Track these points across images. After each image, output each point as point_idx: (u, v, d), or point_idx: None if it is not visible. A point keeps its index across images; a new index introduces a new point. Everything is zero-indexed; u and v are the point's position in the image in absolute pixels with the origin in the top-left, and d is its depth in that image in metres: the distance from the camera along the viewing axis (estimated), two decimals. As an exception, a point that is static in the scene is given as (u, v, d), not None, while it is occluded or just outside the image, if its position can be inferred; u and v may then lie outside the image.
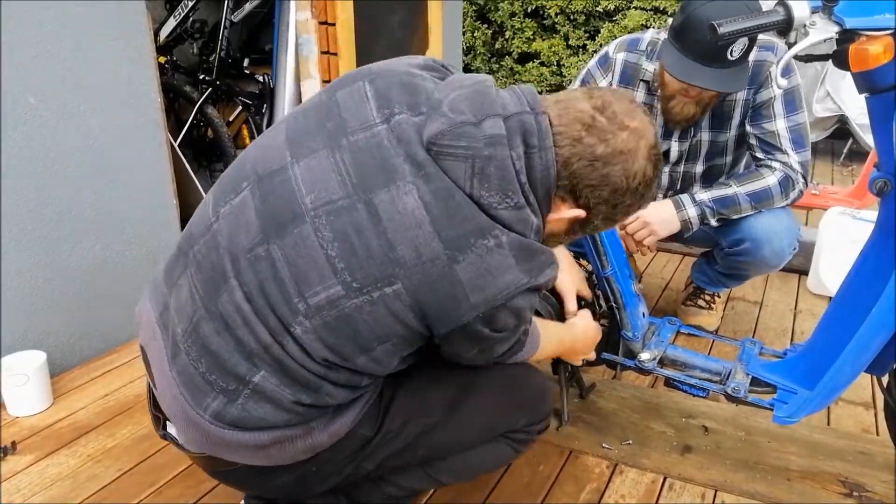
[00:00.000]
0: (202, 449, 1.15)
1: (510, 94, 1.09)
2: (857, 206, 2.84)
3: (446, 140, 1.02)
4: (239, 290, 1.06)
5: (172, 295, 1.15)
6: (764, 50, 1.93)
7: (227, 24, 3.33)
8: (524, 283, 1.03)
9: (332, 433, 1.15)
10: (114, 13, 2.06)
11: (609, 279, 1.69)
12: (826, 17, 1.23)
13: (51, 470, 1.65)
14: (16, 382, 1.83)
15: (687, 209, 1.99)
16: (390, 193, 1.01)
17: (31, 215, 1.93)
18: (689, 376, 1.66)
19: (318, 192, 1.04)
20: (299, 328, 1.04)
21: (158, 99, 2.24)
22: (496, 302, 1.03)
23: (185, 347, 1.11)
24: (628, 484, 1.62)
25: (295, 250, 1.03)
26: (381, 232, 1.00)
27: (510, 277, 1.02)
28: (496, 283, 1.02)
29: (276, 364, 1.07)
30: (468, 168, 1.01)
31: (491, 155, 1.02)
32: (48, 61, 1.91)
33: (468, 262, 1.00)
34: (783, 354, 1.66)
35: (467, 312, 1.03)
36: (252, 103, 3.46)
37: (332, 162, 1.05)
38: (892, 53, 1.20)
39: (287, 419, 1.10)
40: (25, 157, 1.89)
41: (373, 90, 1.09)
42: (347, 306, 1.02)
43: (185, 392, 1.11)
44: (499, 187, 1.02)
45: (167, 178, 2.31)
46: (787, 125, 1.95)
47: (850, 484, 1.62)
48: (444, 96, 1.07)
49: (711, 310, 2.38)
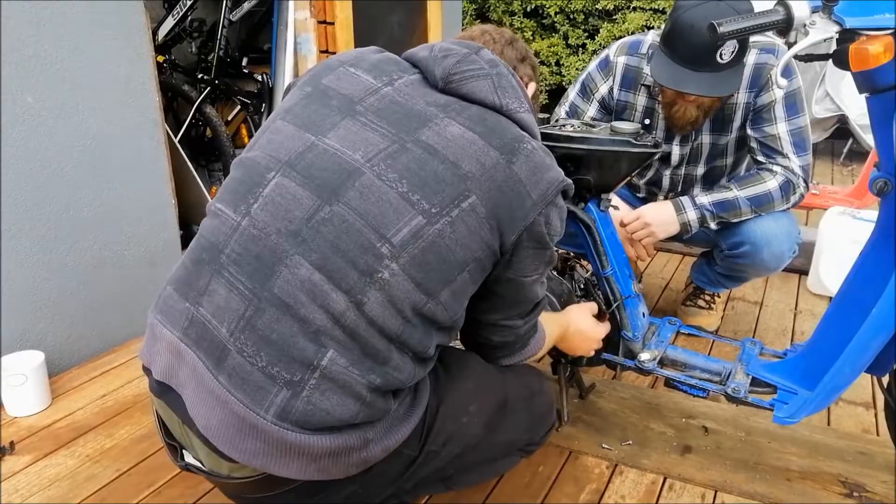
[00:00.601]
0: (256, 463, 1.06)
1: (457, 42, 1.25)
2: (858, 205, 2.83)
3: (464, 66, 1.15)
4: (305, 263, 1.04)
5: (202, 305, 1.08)
6: (765, 53, 1.92)
7: (225, 24, 3.33)
8: (561, 178, 1.17)
9: (385, 447, 1.11)
10: (112, 13, 2.05)
11: (609, 279, 1.69)
12: (826, 17, 1.22)
13: (49, 470, 1.65)
14: (14, 382, 1.82)
15: (687, 212, 1.99)
16: (433, 129, 1.10)
17: (29, 215, 1.92)
18: (689, 376, 1.66)
19: (364, 148, 1.08)
20: (387, 272, 1.04)
21: (157, 98, 2.24)
22: (549, 197, 1.14)
23: (238, 346, 1.04)
24: (628, 484, 1.62)
25: (363, 199, 1.05)
26: (442, 158, 1.08)
27: (553, 174, 1.16)
28: (545, 177, 1.14)
29: (347, 336, 1.04)
30: (491, 84, 1.15)
31: (499, 73, 1.18)
32: (46, 61, 1.91)
33: (521, 162, 1.12)
34: (783, 355, 1.66)
35: (531, 209, 1.12)
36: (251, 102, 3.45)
37: (361, 124, 1.11)
38: (893, 53, 1.19)
39: (353, 412, 1.05)
40: (23, 156, 1.89)
41: (359, 69, 1.18)
42: (430, 233, 1.05)
43: (241, 395, 1.04)
44: (514, 96, 1.17)
45: (166, 178, 2.31)
46: (789, 129, 1.94)
47: (851, 484, 1.62)
48: (428, 52, 1.19)
49: (711, 310, 2.38)
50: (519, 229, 1.12)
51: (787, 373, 1.56)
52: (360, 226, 1.04)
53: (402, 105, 1.13)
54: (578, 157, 1.59)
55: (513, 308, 1.26)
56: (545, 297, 1.32)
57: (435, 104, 1.13)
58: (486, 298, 1.21)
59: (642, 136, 1.58)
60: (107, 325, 2.17)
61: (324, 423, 1.04)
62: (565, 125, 1.66)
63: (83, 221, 2.06)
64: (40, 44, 1.89)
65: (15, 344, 1.93)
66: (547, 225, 1.16)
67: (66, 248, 2.03)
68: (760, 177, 1.97)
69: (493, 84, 1.15)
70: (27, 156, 1.90)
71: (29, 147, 1.90)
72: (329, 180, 1.06)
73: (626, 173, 1.63)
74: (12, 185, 1.87)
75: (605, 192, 1.68)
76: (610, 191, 1.69)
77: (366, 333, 1.05)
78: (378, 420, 1.09)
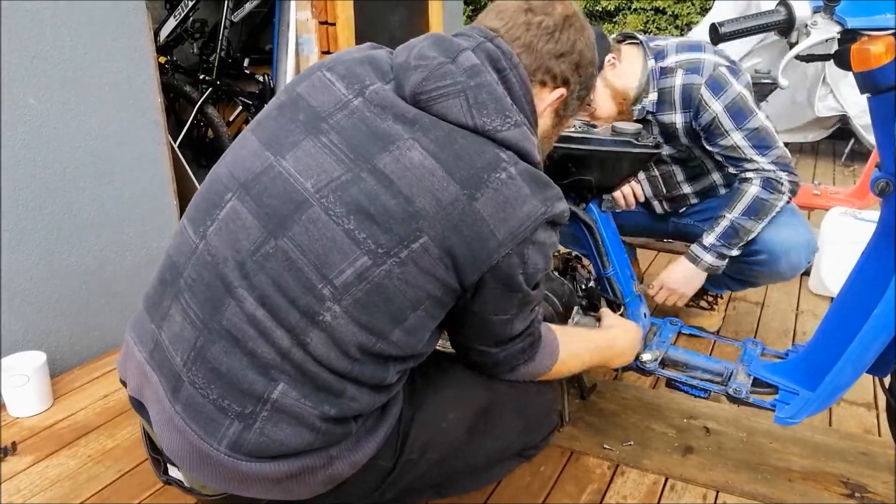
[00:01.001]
0: (218, 487, 1.07)
1: (461, 36, 1.12)
2: (859, 206, 2.83)
3: (432, 84, 1.03)
4: (249, 298, 1.00)
5: (163, 329, 1.07)
6: (690, 73, 1.91)
7: (227, 24, 3.34)
8: (542, 212, 1.03)
9: (352, 463, 1.08)
10: (114, 13, 2.06)
11: (610, 279, 1.69)
12: (827, 17, 1.23)
13: (51, 471, 1.65)
14: (16, 383, 1.83)
15: (703, 258, 1.99)
16: (392, 155, 1.00)
17: (30, 215, 1.93)
18: (690, 377, 1.65)
19: (316, 176, 1.01)
20: (328, 315, 0.99)
21: (158, 99, 2.24)
22: (522, 234, 1.02)
23: (190, 377, 1.03)
24: (629, 485, 1.62)
25: (308, 236, 0.99)
26: (395, 191, 0.98)
27: (528, 208, 1.02)
28: (517, 214, 1.01)
29: (296, 371, 1.01)
30: (463, 102, 1.02)
31: (479, 83, 1.04)
32: (48, 62, 1.91)
33: (487, 198, 1.00)
34: (785, 355, 1.66)
35: (496, 250, 1.01)
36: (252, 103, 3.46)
37: (320, 145, 1.03)
38: (894, 53, 1.19)
39: (309, 441, 1.03)
40: (25, 157, 1.89)
41: (334, 75, 1.09)
42: (377, 275, 0.98)
43: (195, 426, 1.02)
44: (496, 110, 1.04)
45: (167, 179, 2.31)
46: (743, 135, 1.92)
47: (852, 485, 1.62)
48: (406, 56, 1.08)
49: (714, 311, 2.38)
50: (480, 271, 1.02)
51: (788, 373, 1.56)
52: (303, 264, 0.99)
53: (367, 123, 1.03)
54: (580, 158, 1.59)
55: (485, 338, 1.16)
56: (534, 325, 1.19)
57: (403, 119, 1.03)
58: (456, 323, 1.14)
59: (643, 136, 1.58)
60: (108, 325, 2.17)
61: (279, 453, 1.03)
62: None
63: (85, 222, 2.07)
64: (42, 45, 1.89)
65: (17, 344, 1.93)
66: (522, 265, 1.05)
67: (67, 248, 2.03)
68: (741, 189, 1.96)
69: (466, 102, 1.02)
70: (29, 156, 1.90)
71: (31, 148, 1.90)
72: (278, 210, 1.01)
73: (628, 174, 1.63)
74: (14, 186, 1.88)
75: (607, 193, 1.68)
76: (612, 191, 1.69)
77: (315, 369, 1.01)
78: (340, 441, 1.07)
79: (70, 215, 2.02)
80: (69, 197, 2.01)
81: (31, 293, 1.96)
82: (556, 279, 1.71)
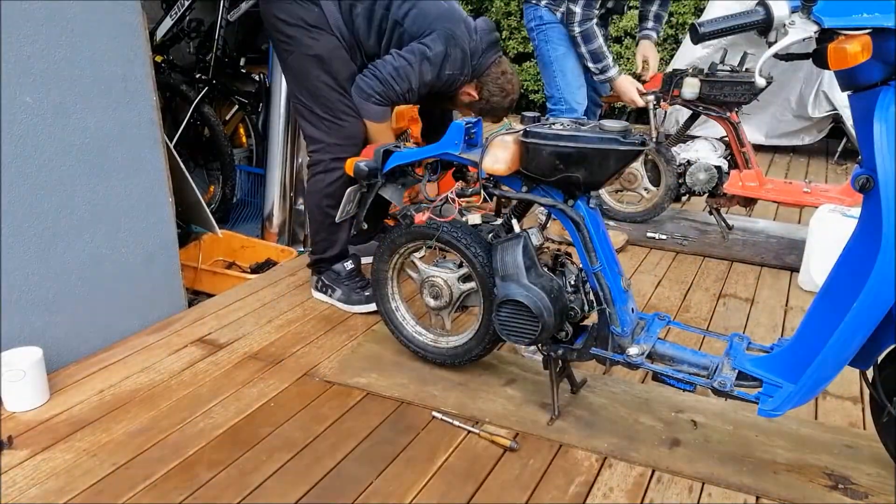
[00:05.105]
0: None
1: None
2: (849, 203, 2.85)
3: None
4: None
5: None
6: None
7: (223, 24, 3.36)
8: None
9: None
10: (109, 13, 2.08)
11: (598, 275, 1.72)
12: (805, 17, 1.25)
13: (46, 464, 1.67)
14: (13, 378, 1.85)
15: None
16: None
17: (27, 213, 1.95)
18: (676, 370, 1.68)
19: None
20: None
21: (154, 98, 2.26)
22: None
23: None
24: (617, 477, 1.64)
25: None
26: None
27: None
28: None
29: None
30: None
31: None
32: (44, 60, 1.93)
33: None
34: (770, 349, 1.68)
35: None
36: (248, 102, 3.48)
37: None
38: (871, 52, 1.22)
39: None
40: (22, 154, 1.91)
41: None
42: None
43: None
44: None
45: (163, 177, 2.33)
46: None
47: (836, 476, 1.64)
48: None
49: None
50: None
51: (772, 367, 1.58)
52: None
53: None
54: (567, 155, 1.61)
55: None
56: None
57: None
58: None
59: (629, 133, 1.60)
60: (105, 321, 2.19)
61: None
62: (555, 123, 1.69)
63: (81, 219, 2.09)
64: (38, 43, 1.91)
65: (14, 340, 1.95)
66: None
67: (64, 245, 2.06)
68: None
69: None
70: (26, 154, 1.92)
71: (27, 146, 1.92)
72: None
73: (615, 171, 1.65)
74: (11, 184, 1.90)
75: (594, 189, 1.71)
76: (599, 188, 1.71)
77: None
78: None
79: (67, 212, 2.05)
80: (66, 194, 2.04)
81: (28, 289, 1.98)
82: (545, 275, 1.73)
